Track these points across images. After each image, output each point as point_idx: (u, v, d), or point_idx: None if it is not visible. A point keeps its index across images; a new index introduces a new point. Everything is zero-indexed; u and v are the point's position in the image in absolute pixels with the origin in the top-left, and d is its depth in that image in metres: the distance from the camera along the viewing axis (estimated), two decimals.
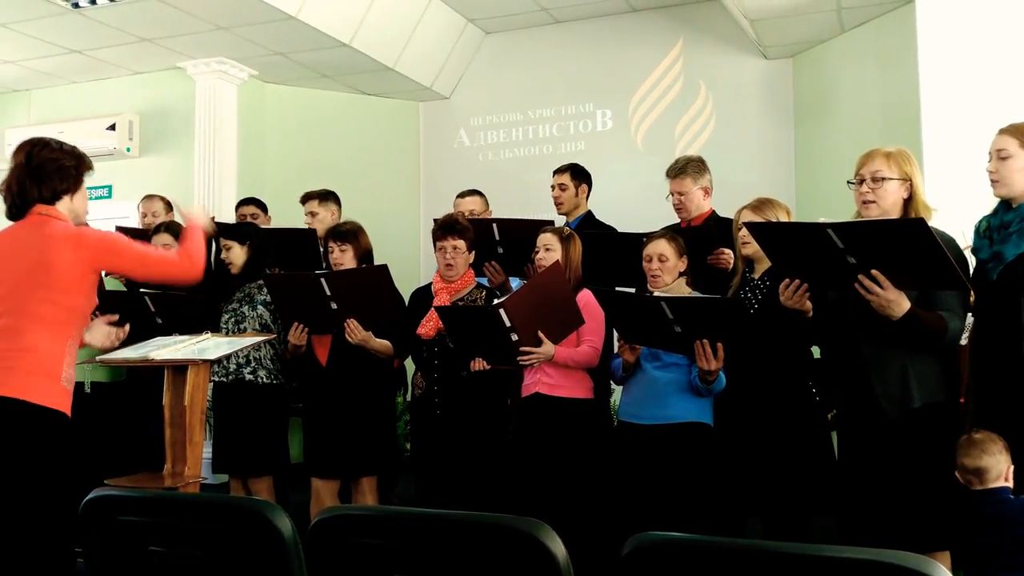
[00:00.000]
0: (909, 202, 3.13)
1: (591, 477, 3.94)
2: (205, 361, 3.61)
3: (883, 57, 6.12)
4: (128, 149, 7.39)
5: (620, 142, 7.45)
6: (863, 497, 3.12)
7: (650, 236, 3.90)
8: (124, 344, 4.27)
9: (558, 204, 5.07)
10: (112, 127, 7.38)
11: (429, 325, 4.21)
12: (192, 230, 3.34)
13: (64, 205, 3.06)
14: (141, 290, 4.48)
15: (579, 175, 5.07)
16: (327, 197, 5.44)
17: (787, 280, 3.13)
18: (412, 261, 7.66)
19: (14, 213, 3.05)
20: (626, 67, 7.45)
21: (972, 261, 3.28)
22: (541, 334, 3.80)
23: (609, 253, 4.31)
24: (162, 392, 3.65)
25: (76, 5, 6.06)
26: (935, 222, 3.11)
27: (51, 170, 3.02)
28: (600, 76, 7.53)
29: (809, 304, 3.16)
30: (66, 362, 2.97)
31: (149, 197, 5.88)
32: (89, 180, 3.19)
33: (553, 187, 5.09)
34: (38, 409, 2.85)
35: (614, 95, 7.50)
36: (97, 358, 3.90)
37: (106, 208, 7.34)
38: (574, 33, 7.58)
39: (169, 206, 5.88)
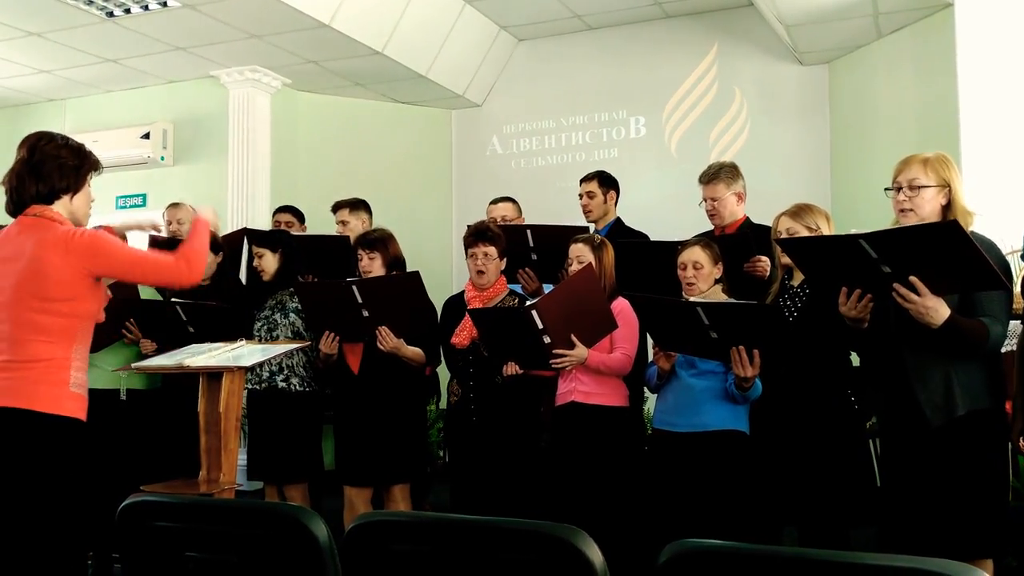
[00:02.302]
0: (948, 208, 3.07)
1: (627, 485, 3.92)
2: (240, 368, 3.61)
3: (921, 62, 6.06)
4: (162, 158, 7.47)
5: (654, 149, 7.43)
6: (905, 506, 3.07)
7: (684, 244, 3.87)
8: (159, 351, 4.32)
9: (587, 212, 5.04)
10: (146, 136, 7.46)
11: (463, 334, 4.20)
12: (197, 229, 3.16)
13: (62, 205, 2.92)
14: (173, 299, 4.50)
15: (606, 182, 5.04)
16: (358, 206, 5.45)
17: (846, 290, 3.00)
18: (445, 269, 7.68)
19: (12, 209, 2.92)
20: (660, 74, 7.44)
21: (1017, 266, 3.22)
22: (574, 337, 3.79)
23: (642, 262, 4.28)
24: (197, 399, 3.65)
25: (111, 15, 6.12)
26: (976, 227, 3.07)
27: (52, 167, 2.88)
28: (633, 83, 7.51)
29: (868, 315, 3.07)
30: (74, 367, 2.86)
31: (175, 205, 5.89)
32: (96, 181, 3.04)
33: (581, 195, 5.06)
34: (49, 418, 2.76)
35: (647, 102, 7.48)
36: (132, 365, 3.92)
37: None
38: (607, 40, 7.57)
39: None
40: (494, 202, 5.32)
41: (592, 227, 4.98)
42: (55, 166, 2.89)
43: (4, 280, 2.83)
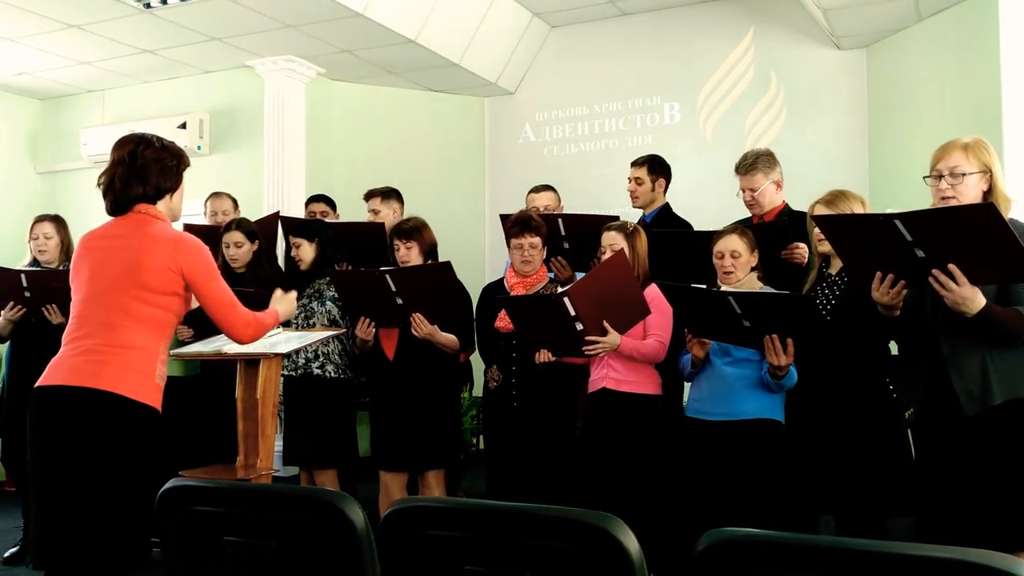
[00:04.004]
0: (989, 194, 3.02)
1: (660, 473, 3.91)
2: (277, 355, 3.64)
3: (962, 46, 5.95)
4: (199, 147, 7.51)
5: (689, 135, 7.37)
6: (942, 496, 3.03)
7: (720, 232, 3.84)
8: (196, 338, 4.36)
9: (633, 197, 4.99)
10: (183, 126, 7.50)
11: (508, 319, 4.20)
12: (272, 316, 3.36)
13: (164, 204, 3.08)
14: None
15: (656, 169, 4.98)
16: (390, 195, 5.47)
17: (880, 275, 2.93)
18: (477, 256, 7.67)
19: (115, 209, 3.06)
20: (695, 59, 7.37)
21: None
22: (606, 323, 3.78)
23: (679, 251, 4.25)
24: (235, 386, 3.68)
25: (148, 5, 6.16)
26: (1015, 214, 3.02)
27: (155, 170, 3.03)
28: (668, 68, 7.45)
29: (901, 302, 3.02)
30: (160, 360, 2.98)
31: (217, 195, 5.91)
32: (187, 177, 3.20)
33: (629, 179, 5.03)
34: (132, 404, 2.86)
35: (682, 88, 7.42)
36: (171, 352, 3.95)
37: None
38: (641, 25, 7.52)
39: (237, 204, 5.94)
40: (535, 190, 5.28)
41: (639, 212, 4.95)
42: (158, 169, 3.04)
43: (105, 267, 2.96)
